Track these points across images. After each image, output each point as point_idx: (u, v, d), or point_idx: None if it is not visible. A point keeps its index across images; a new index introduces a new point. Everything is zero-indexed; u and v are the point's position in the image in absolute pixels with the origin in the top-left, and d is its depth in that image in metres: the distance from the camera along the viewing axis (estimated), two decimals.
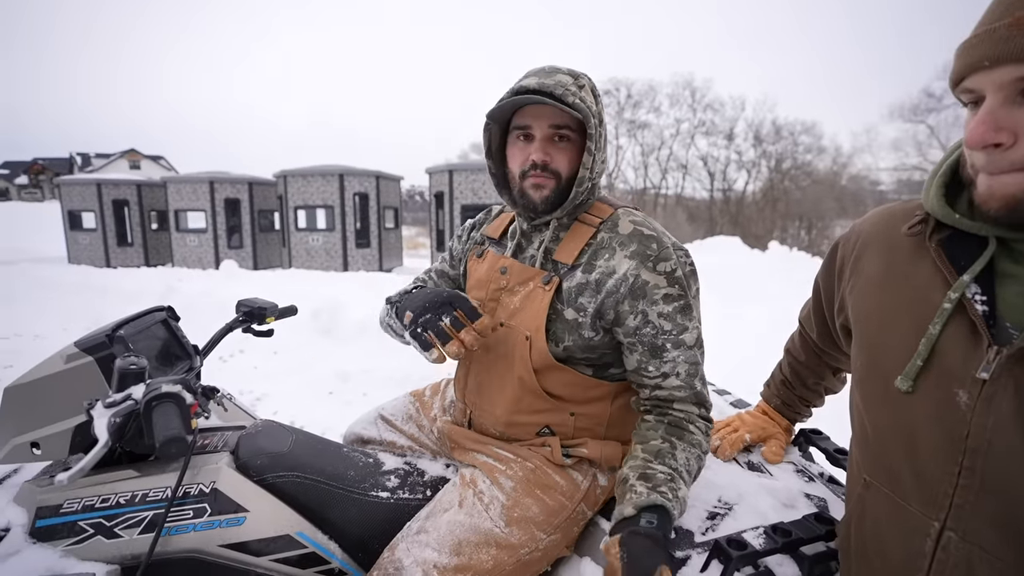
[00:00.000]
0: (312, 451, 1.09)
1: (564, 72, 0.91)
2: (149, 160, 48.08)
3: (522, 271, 0.98)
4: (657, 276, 0.88)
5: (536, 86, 0.88)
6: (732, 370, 3.74)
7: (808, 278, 3.87)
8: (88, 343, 1.02)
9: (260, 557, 0.95)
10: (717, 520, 0.89)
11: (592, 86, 0.93)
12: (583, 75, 0.93)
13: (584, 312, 0.91)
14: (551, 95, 0.87)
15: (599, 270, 0.91)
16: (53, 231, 17.63)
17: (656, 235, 0.91)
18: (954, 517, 0.60)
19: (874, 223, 0.78)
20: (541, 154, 0.91)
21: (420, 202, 38.22)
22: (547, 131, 0.91)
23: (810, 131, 34.95)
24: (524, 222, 1.00)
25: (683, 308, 0.89)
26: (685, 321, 0.89)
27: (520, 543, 0.89)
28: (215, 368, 4.18)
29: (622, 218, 0.94)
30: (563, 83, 0.88)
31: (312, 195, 14.12)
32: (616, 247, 0.91)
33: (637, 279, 0.88)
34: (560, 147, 0.92)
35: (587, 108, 0.87)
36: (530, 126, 0.92)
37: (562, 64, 0.94)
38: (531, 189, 0.93)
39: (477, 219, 1.18)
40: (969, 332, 0.60)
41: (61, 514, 0.91)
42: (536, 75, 0.91)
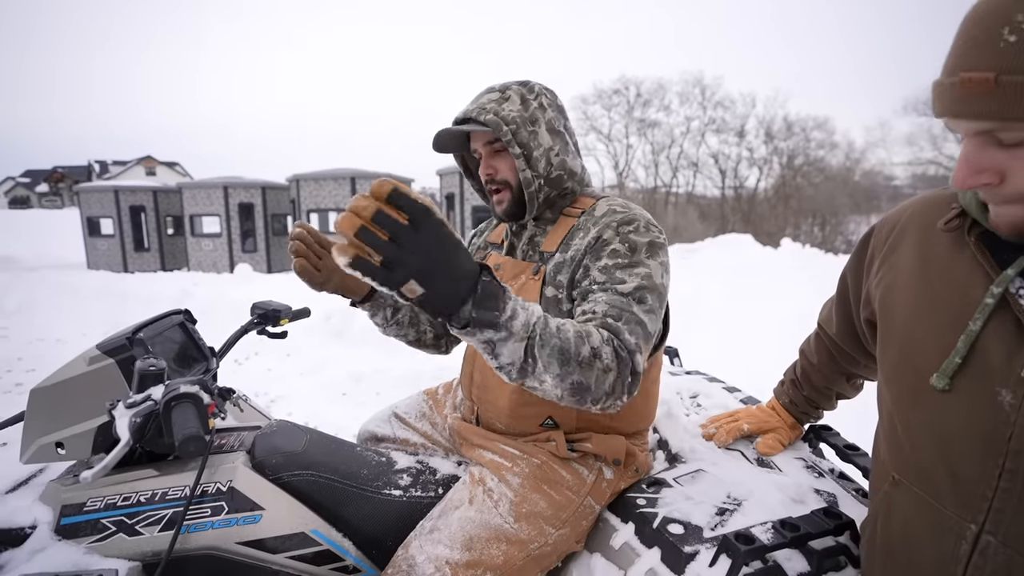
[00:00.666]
0: (326, 450, 1.11)
1: (495, 89, 0.99)
2: (164, 166, 48.93)
3: (514, 266, 1.03)
4: (614, 235, 0.91)
5: (463, 114, 0.97)
6: (745, 368, 3.71)
7: (821, 275, 3.87)
8: (109, 346, 1.05)
9: (276, 554, 0.97)
10: (726, 516, 0.89)
11: (523, 92, 0.98)
12: (513, 86, 0.99)
13: (561, 288, 0.95)
14: (469, 119, 0.96)
15: (573, 247, 0.95)
16: (73, 237, 18.02)
17: (628, 210, 0.95)
18: (993, 521, 0.58)
19: (910, 214, 0.74)
20: (485, 169, 1.01)
21: None
22: (485, 147, 1.00)
23: (822, 126, 34.50)
24: (511, 224, 1.08)
25: (625, 265, 0.87)
26: (623, 275, 0.86)
27: (529, 538, 0.91)
28: (231, 370, 4.25)
29: (600, 204, 0.99)
30: (483, 104, 0.97)
31: (324, 198, 14.26)
32: (590, 227, 0.96)
33: (598, 240, 0.92)
34: (503, 158, 1.00)
35: (499, 119, 0.94)
36: (475, 150, 1.03)
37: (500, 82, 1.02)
38: (496, 205, 1.03)
39: (479, 228, 1.25)
40: (1014, 328, 0.57)
41: (85, 512, 0.94)
42: (469, 102, 1.00)
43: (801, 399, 1.11)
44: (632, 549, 0.89)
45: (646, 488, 0.99)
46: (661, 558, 0.84)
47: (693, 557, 0.81)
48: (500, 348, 0.67)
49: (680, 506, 0.92)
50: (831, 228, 27.55)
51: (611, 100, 32.33)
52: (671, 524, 0.88)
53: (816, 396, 1.09)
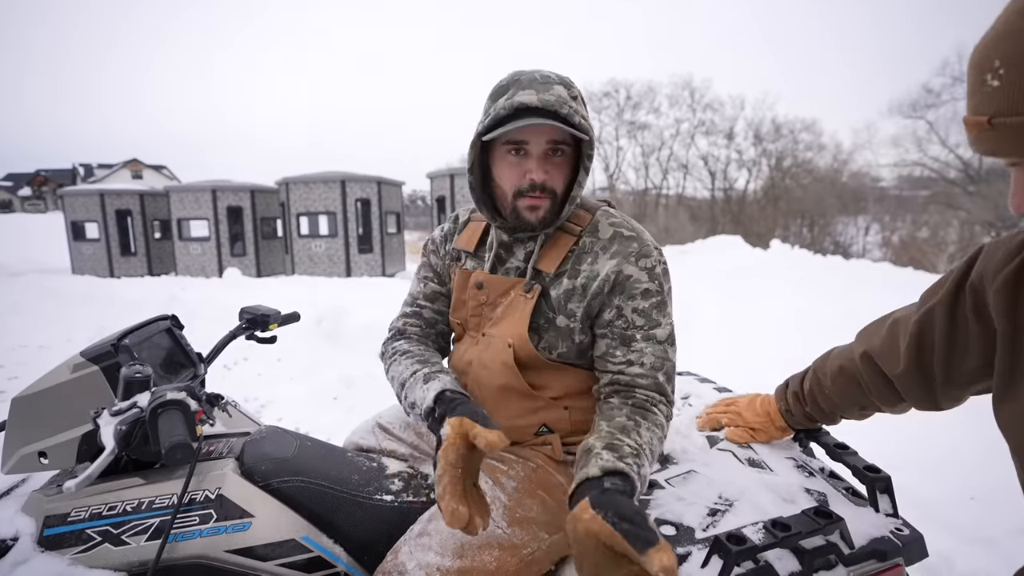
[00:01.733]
0: (316, 456, 1.10)
1: (557, 81, 0.88)
2: (151, 170, 48.35)
3: (500, 283, 0.99)
4: (639, 271, 0.91)
5: (538, 103, 0.83)
6: (736, 369, 3.73)
7: (810, 275, 3.88)
8: (94, 353, 1.03)
9: (266, 562, 0.96)
10: (717, 516, 0.89)
11: (581, 95, 0.91)
12: (571, 82, 0.91)
13: (574, 317, 0.93)
14: (554, 113, 0.83)
15: (584, 275, 0.93)
16: (57, 242, 17.74)
17: (636, 234, 0.94)
18: None
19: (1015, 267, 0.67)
20: (541, 173, 0.88)
21: (422, 207, 38.31)
22: (544, 147, 0.88)
23: (810, 128, 34.82)
24: (505, 234, 0.98)
25: (658, 304, 0.91)
26: (659, 317, 0.91)
27: (523, 543, 0.90)
28: (219, 376, 4.20)
29: (602, 221, 0.97)
30: (561, 97, 0.85)
31: (314, 202, 14.18)
32: (599, 251, 0.94)
33: (620, 274, 0.91)
34: (556, 162, 0.90)
35: (588, 124, 0.86)
36: (526, 142, 0.88)
37: (548, 69, 0.91)
38: (526, 211, 0.91)
39: (445, 230, 1.11)
40: None
41: (69, 522, 0.92)
42: (532, 88, 0.86)
43: (801, 414, 1.09)
44: None
45: None
46: None
47: (685, 558, 0.82)
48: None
49: (672, 507, 0.92)
50: (820, 229, 27.86)
51: (601, 103, 32.47)
52: (663, 525, 0.88)
53: (819, 416, 1.07)
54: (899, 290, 6.05)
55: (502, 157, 0.92)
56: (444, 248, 1.11)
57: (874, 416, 1.04)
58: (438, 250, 1.13)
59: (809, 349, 1.15)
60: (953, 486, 2.23)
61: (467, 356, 1.03)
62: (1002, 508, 2.12)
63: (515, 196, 0.92)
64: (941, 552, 1.82)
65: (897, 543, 0.87)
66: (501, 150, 0.92)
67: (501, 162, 0.93)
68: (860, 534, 0.87)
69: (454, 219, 1.12)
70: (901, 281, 7.03)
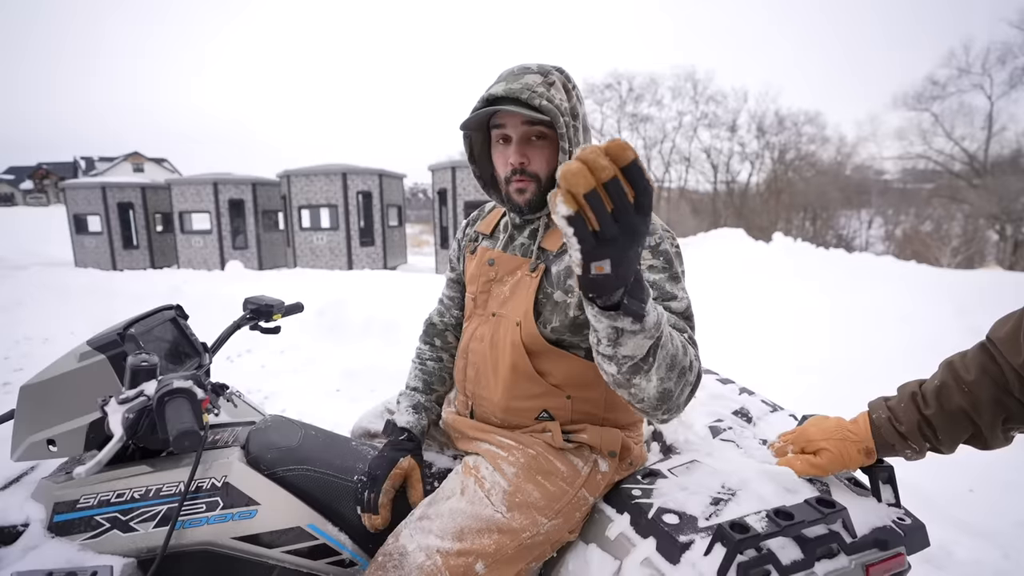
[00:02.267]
0: (321, 445, 1.11)
1: (534, 71, 0.92)
2: (153, 163, 48.29)
3: (509, 261, 1.02)
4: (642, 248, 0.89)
5: (503, 92, 0.89)
6: (739, 361, 3.74)
7: (813, 269, 3.88)
8: (100, 341, 1.04)
9: (272, 549, 0.97)
10: (720, 505, 0.90)
11: (564, 80, 0.93)
12: (554, 71, 0.93)
13: (572, 292, 0.94)
14: (518, 100, 0.88)
15: None
16: (59, 235, 17.78)
17: None
18: None
19: None
20: (518, 157, 0.93)
21: (423, 199, 38.28)
22: (521, 130, 0.93)
23: (813, 121, 34.57)
24: (515, 217, 1.04)
25: (669, 278, 0.87)
26: (674, 290, 0.85)
27: (521, 527, 0.91)
28: (223, 367, 4.22)
29: None
30: (530, 85, 0.89)
31: (316, 194, 14.16)
32: None
33: None
34: (537, 147, 0.94)
35: (555, 107, 0.88)
36: (505, 125, 0.94)
37: (534, 61, 0.95)
38: (515, 194, 0.96)
39: (471, 217, 1.21)
40: None
41: (78, 509, 0.94)
42: (505, 80, 0.92)
43: (913, 420, 0.89)
44: (628, 539, 0.90)
45: (641, 479, 1.00)
46: (656, 548, 0.85)
47: (688, 547, 0.82)
48: (625, 339, 0.64)
49: (675, 496, 0.93)
50: (822, 222, 27.78)
51: (603, 95, 32.30)
52: (666, 514, 0.89)
53: (942, 422, 0.86)
54: (902, 284, 6.04)
55: (495, 146, 0.99)
56: (464, 232, 1.19)
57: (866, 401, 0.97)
58: (460, 236, 1.20)
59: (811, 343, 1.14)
60: (952, 478, 2.24)
61: (476, 335, 1.06)
62: (1001, 500, 2.13)
63: (506, 181, 0.98)
64: (942, 543, 1.83)
65: (899, 532, 0.88)
66: (494, 140, 0.98)
67: (494, 150, 0.99)
68: (862, 523, 0.87)
69: (481, 209, 1.21)
70: (904, 274, 7.01)
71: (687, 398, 0.77)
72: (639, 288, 0.61)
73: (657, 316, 0.65)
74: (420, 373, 1.19)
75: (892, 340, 4.23)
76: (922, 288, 5.66)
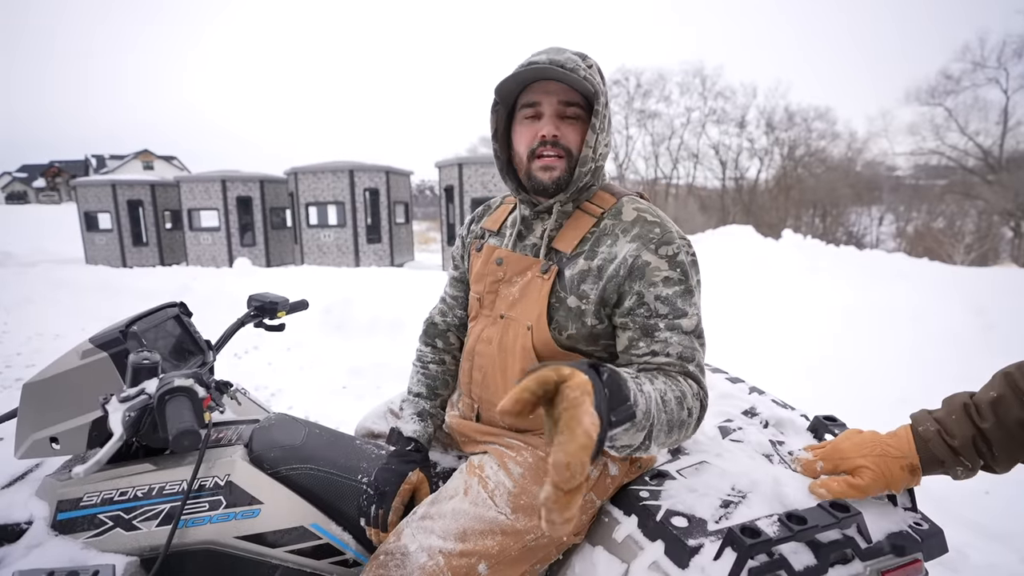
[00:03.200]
0: (325, 443, 1.10)
1: (572, 52, 0.92)
2: (162, 160, 48.71)
3: (518, 261, 0.98)
4: (658, 259, 0.87)
5: (547, 61, 0.88)
6: (748, 359, 3.70)
7: (823, 266, 3.81)
8: (102, 339, 1.04)
9: (275, 548, 0.96)
10: (731, 508, 0.88)
11: (599, 67, 0.94)
12: (588, 56, 0.94)
13: (587, 299, 0.91)
14: (563, 68, 0.86)
15: (601, 256, 0.91)
16: (71, 232, 17.98)
17: (660, 221, 0.91)
18: None
19: None
20: (552, 128, 0.90)
21: (430, 196, 38.32)
22: (557, 107, 0.90)
23: (824, 117, 34.35)
24: (526, 208, 0.99)
25: (683, 293, 0.87)
26: (685, 306, 0.86)
27: (526, 529, 0.89)
28: (230, 364, 4.24)
29: (626, 206, 0.94)
30: (573, 59, 0.89)
31: (323, 191, 14.21)
32: (619, 233, 0.91)
33: (637, 259, 0.88)
34: (570, 123, 0.92)
35: (596, 85, 0.88)
36: (539, 102, 0.91)
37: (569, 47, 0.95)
38: (540, 171, 0.92)
39: (476, 213, 1.18)
40: None
41: (81, 507, 0.93)
42: (546, 52, 0.91)
43: (968, 435, 0.81)
44: (635, 542, 0.88)
45: (649, 480, 0.98)
46: (665, 551, 0.83)
47: (697, 550, 0.80)
48: (619, 438, 0.66)
49: (684, 498, 0.91)
50: (832, 219, 27.50)
51: (611, 91, 32.03)
52: (675, 517, 0.87)
53: (1000, 436, 0.79)
54: (914, 281, 5.95)
55: (519, 122, 0.95)
56: (468, 229, 1.16)
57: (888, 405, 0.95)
58: (464, 232, 1.17)
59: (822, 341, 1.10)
60: (968, 481, 2.20)
61: (483, 337, 1.02)
62: (1017, 502, 2.08)
63: (529, 158, 0.93)
64: (956, 546, 1.79)
65: (916, 538, 0.85)
66: (520, 116, 0.95)
67: (519, 127, 0.95)
68: (878, 528, 0.85)
69: (487, 205, 1.17)
70: (916, 272, 6.91)
71: (694, 430, 0.81)
72: (618, 395, 0.61)
73: (645, 403, 0.68)
74: (423, 377, 1.15)
75: (904, 338, 4.17)
76: (935, 286, 5.57)
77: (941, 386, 3.44)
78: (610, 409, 0.59)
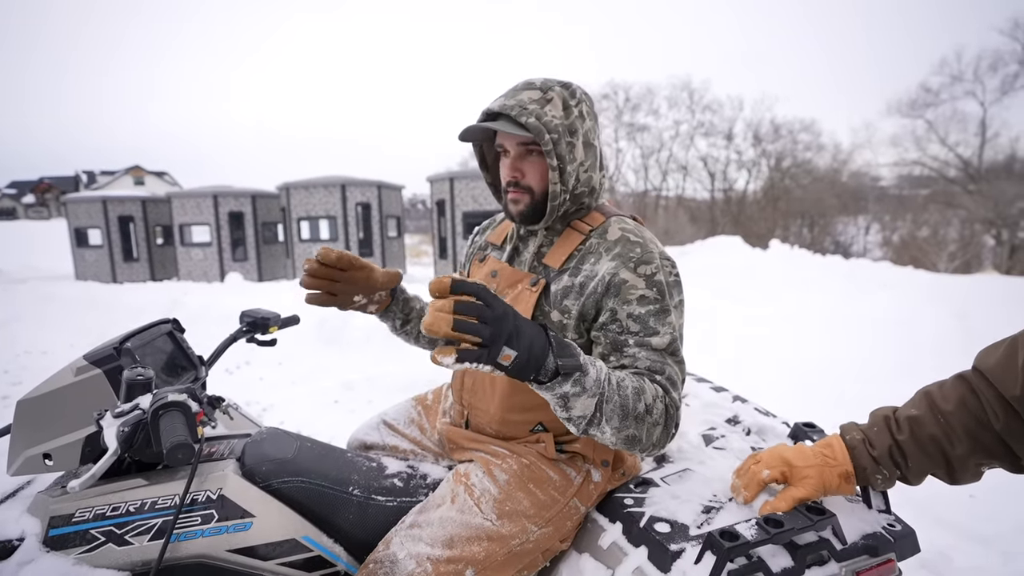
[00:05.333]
0: (316, 456, 1.12)
1: (535, 87, 0.93)
2: (153, 176, 48.46)
3: (511, 274, 1.02)
4: (636, 277, 0.89)
5: (498, 108, 0.92)
6: (734, 369, 3.74)
7: (810, 276, 3.87)
8: (96, 356, 1.05)
9: (267, 561, 0.97)
10: (712, 514, 0.91)
11: (566, 96, 0.93)
12: (557, 86, 0.93)
13: (568, 314, 0.94)
14: (509, 116, 0.91)
15: (584, 273, 0.94)
16: (60, 248, 17.80)
17: (642, 241, 0.93)
18: None
19: None
20: (510, 171, 0.97)
21: (422, 210, 38.33)
22: (517, 149, 0.96)
23: (809, 129, 34.83)
24: (519, 228, 1.06)
25: (657, 312, 0.88)
26: (657, 325, 0.88)
27: (511, 534, 0.92)
28: (222, 380, 4.22)
29: (612, 226, 0.97)
30: (523, 102, 0.90)
31: (315, 206, 14.21)
32: (602, 252, 0.94)
33: (615, 277, 0.90)
34: (531, 162, 0.96)
35: (542, 125, 0.88)
36: (503, 144, 0.98)
37: (538, 77, 0.96)
38: (510, 204, 0.99)
39: (481, 226, 1.23)
40: None
41: (73, 523, 0.94)
42: (503, 95, 0.95)
43: (885, 445, 0.86)
44: (620, 548, 0.91)
45: (633, 488, 1.01)
46: (648, 556, 0.86)
47: (679, 555, 0.83)
48: (573, 402, 0.75)
49: (667, 505, 0.94)
50: (820, 229, 27.82)
51: (600, 105, 32.50)
52: (658, 523, 0.89)
53: (913, 450, 0.84)
54: (900, 289, 6.05)
55: (500, 158, 1.03)
56: (472, 241, 1.22)
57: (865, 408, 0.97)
58: (469, 244, 1.22)
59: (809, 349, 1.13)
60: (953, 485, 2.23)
61: None
62: (1001, 505, 2.12)
63: (503, 192, 1.01)
64: (940, 549, 1.82)
65: (889, 538, 0.88)
66: (498, 152, 1.03)
67: (500, 162, 1.03)
68: (852, 530, 0.88)
69: (492, 219, 1.22)
70: (902, 280, 7.03)
71: (661, 437, 0.84)
72: (563, 346, 0.74)
73: (597, 373, 0.77)
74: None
75: (891, 345, 4.23)
76: (920, 293, 5.67)
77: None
78: (556, 356, 0.72)
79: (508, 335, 0.66)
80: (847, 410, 3.10)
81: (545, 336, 0.72)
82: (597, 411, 0.76)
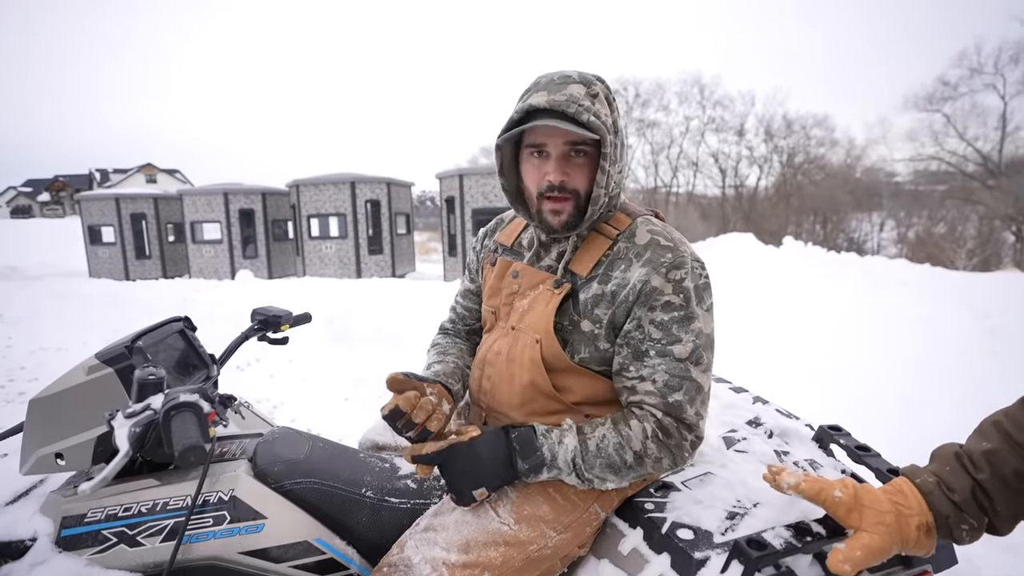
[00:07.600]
0: (329, 457, 1.10)
1: (576, 80, 0.86)
2: (165, 174, 49.08)
3: (533, 275, 0.98)
4: (665, 283, 0.86)
5: (546, 104, 0.83)
6: (751, 368, 3.69)
7: (824, 273, 3.79)
8: (108, 355, 1.04)
9: (279, 564, 0.96)
10: (736, 520, 0.87)
11: (606, 92, 0.89)
12: (596, 81, 0.89)
13: (599, 324, 0.90)
14: (563, 114, 0.83)
15: (615, 281, 0.90)
16: (75, 246, 18.07)
17: (673, 245, 0.90)
18: None
19: None
20: (558, 175, 0.88)
21: (431, 207, 38.45)
22: (562, 148, 0.88)
23: (822, 124, 34.53)
24: (543, 234, 0.99)
25: (681, 320, 0.85)
26: (680, 332, 0.85)
27: (529, 540, 0.89)
28: (232, 378, 4.24)
29: (640, 227, 0.93)
30: (575, 97, 0.84)
31: (324, 203, 14.29)
32: (632, 258, 0.90)
33: (646, 285, 0.87)
34: (577, 163, 0.89)
35: (602, 123, 0.83)
36: (544, 144, 0.88)
37: (572, 68, 0.89)
38: (549, 214, 0.91)
39: (489, 227, 1.17)
40: None
41: (85, 523, 0.93)
42: (546, 89, 0.86)
43: (967, 487, 0.71)
44: (641, 555, 0.88)
45: (654, 492, 0.98)
46: (671, 564, 0.83)
47: (704, 563, 0.80)
48: (563, 477, 0.87)
49: (689, 510, 0.91)
50: (833, 226, 27.51)
51: None
52: (680, 529, 0.86)
53: (998, 489, 0.69)
54: (916, 287, 5.94)
55: (526, 160, 0.93)
56: (482, 244, 1.15)
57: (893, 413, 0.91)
58: (477, 246, 1.17)
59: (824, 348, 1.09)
60: None
61: (495, 348, 1.02)
62: None
63: (539, 198, 0.92)
64: (967, 556, 1.77)
65: None
66: (526, 152, 0.93)
67: (526, 164, 0.94)
68: None
69: (499, 219, 1.16)
70: (918, 278, 6.90)
71: (674, 462, 0.88)
72: (527, 445, 0.86)
73: (564, 454, 0.86)
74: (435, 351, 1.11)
75: (908, 345, 4.15)
76: (937, 291, 5.56)
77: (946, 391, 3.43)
78: (523, 458, 0.86)
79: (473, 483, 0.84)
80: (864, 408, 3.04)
81: (508, 448, 0.84)
82: (583, 480, 0.87)
